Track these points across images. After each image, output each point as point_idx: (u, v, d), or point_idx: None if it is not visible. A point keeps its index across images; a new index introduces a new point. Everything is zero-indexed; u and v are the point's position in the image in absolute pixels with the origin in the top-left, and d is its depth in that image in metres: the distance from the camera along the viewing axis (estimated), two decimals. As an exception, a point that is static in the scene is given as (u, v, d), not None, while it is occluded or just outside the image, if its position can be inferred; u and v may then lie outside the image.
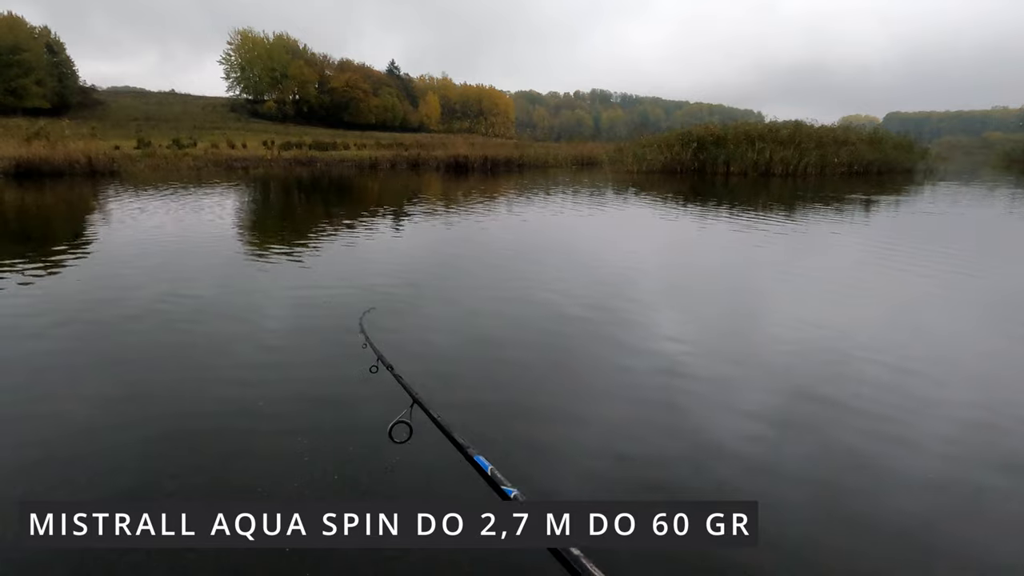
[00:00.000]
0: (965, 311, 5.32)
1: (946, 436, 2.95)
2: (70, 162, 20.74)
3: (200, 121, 63.76)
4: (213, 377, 3.61)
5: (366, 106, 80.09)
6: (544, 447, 2.84)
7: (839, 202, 14.28)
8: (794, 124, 28.10)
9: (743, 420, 3.09)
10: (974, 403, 3.33)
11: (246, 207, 13.73)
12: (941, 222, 11.50)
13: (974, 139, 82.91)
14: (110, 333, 4.39)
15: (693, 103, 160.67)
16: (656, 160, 27.72)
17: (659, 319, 4.97)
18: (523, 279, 6.30)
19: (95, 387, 3.45)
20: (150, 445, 2.78)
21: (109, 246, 8.06)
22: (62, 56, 64.28)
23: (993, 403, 3.32)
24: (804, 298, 5.76)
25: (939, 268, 6.80)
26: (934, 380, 3.66)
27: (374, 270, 6.70)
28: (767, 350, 4.19)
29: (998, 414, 3.18)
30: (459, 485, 2.36)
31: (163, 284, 5.81)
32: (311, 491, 2.41)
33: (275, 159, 32.04)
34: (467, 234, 9.77)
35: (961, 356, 4.18)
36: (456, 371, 3.77)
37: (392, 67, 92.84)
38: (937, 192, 17.97)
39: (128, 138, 38.60)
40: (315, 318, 4.85)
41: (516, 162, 33.01)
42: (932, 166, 30.43)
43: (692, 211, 12.88)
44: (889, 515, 2.32)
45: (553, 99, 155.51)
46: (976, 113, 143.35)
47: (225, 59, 77.17)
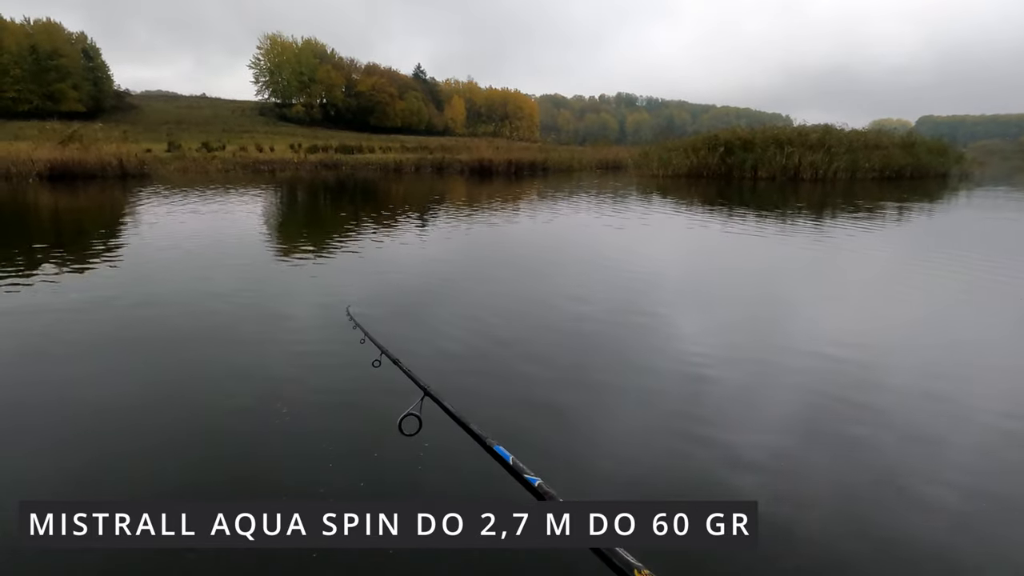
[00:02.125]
0: (996, 321, 5.15)
1: (971, 448, 2.88)
2: (102, 165, 21.17)
3: (229, 124, 64.99)
4: (227, 376, 3.60)
5: (392, 110, 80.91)
6: (556, 445, 2.84)
7: (870, 209, 13.92)
8: (823, 128, 27.55)
9: (761, 426, 3.05)
10: (1001, 414, 3.21)
11: (271, 210, 13.85)
12: (978, 230, 11.15)
13: (1011, 143, 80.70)
14: (123, 330, 4.42)
15: (720, 107, 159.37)
16: (682, 164, 27.38)
17: (679, 323, 4.89)
18: (543, 282, 6.28)
19: (104, 386, 3.43)
20: (162, 442, 2.79)
21: (135, 247, 8.14)
22: (97, 61, 66.06)
23: (1021, 415, 3.22)
24: (830, 306, 5.64)
25: (971, 277, 6.58)
26: (960, 391, 3.57)
27: (394, 272, 6.65)
28: (789, 358, 4.05)
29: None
30: (477, 475, 2.36)
31: (181, 285, 5.85)
32: (323, 487, 2.40)
33: (302, 162, 32.39)
34: (486, 237, 9.70)
35: (989, 367, 4.03)
36: (466, 368, 3.76)
37: (418, 71, 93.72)
38: (973, 198, 17.47)
39: (159, 141, 39.46)
40: (333, 318, 4.81)
41: (540, 166, 32.88)
42: (968, 171, 29.67)
43: (718, 216, 12.65)
44: (910, 528, 2.26)
45: (578, 103, 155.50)
46: (1013, 117, 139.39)
47: (255, 63, 78.66)
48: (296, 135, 56.38)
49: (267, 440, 2.83)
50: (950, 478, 2.60)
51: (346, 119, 78.59)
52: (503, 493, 2.14)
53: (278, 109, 78.96)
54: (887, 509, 2.37)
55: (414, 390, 1.43)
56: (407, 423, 1.28)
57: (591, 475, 2.60)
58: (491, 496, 2.22)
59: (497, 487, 2.05)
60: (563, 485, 1.00)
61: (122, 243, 8.59)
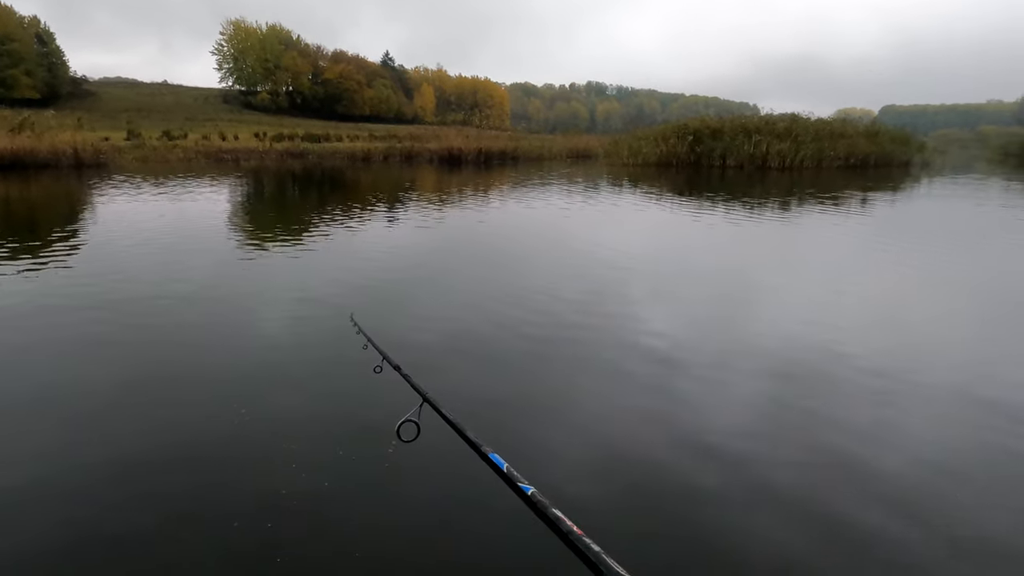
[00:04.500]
0: (953, 305, 5.40)
1: (929, 427, 3.00)
2: (56, 154, 20.39)
3: (192, 112, 63.21)
4: (209, 379, 3.47)
5: (360, 98, 79.58)
6: (534, 442, 2.82)
7: (836, 198, 14.10)
8: (790, 117, 27.87)
9: (731, 415, 3.10)
10: (954, 391, 3.38)
11: (233, 200, 13.44)
12: (939, 217, 11.36)
13: (969, 132, 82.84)
14: (82, 331, 4.17)
15: (689, 96, 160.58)
16: (652, 153, 27.45)
17: (651, 314, 4.90)
18: (515, 275, 6.18)
19: (78, 394, 3.22)
20: (149, 453, 2.64)
21: (93, 240, 7.80)
22: (52, 46, 63.59)
23: (977, 394, 3.35)
24: (797, 292, 5.74)
25: (934, 263, 6.83)
26: (920, 370, 3.71)
27: (364, 268, 6.47)
28: (758, 344, 4.16)
29: (982, 405, 3.21)
30: (471, 482, 2.35)
31: (146, 284, 5.59)
32: (322, 492, 2.36)
33: (267, 151, 31.64)
34: (458, 230, 9.54)
35: (946, 347, 4.25)
36: (444, 366, 3.69)
37: (386, 58, 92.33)
38: (934, 187, 17.83)
39: (118, 129, 38.11)
40: (312, 318, 4.67)
41: (510, 155, 32.65)
42: (929, 160, 30.33)
43: (687, 205, 12.67)
44: (869, 504, 2.35)
45: (548, 91, 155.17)
46: (971, 107, 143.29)
47: (218, 50, 76.52)
48: (261, 123, 54.99)
49: (256, 443, 2.73)
50: (905, 453, 2.72)
51: (313, 107, 77.04)
52: (496, 500, 2.14)
53: (243, 97, 77.00)
54: (846, 485, 2.47)
55: (407, 394, 1.44)
56: (405, 429, 1.28)
57: (579, 471, 2.55)
58: (484, 503, 2.25)
59: (491, 494, 2.15)
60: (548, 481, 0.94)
61: (81, 238, 8.22)
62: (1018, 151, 35.89)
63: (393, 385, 1.76)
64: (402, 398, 1.51)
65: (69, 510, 2.25)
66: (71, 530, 2.14)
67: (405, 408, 1.32)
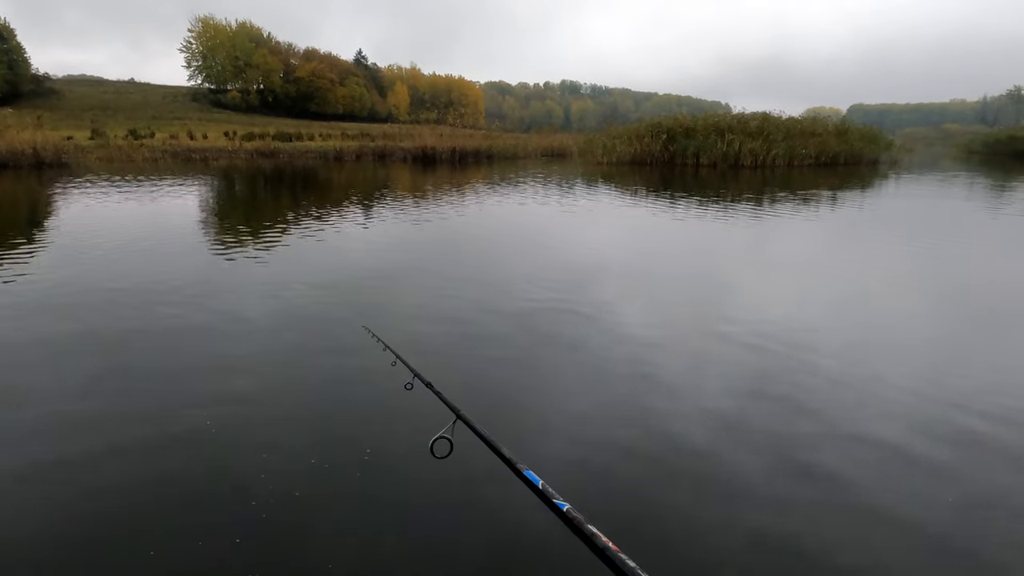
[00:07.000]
0: (920, 298, 5.53)
1: (894, 420, 3.04)
2: (14, 153, 19.74)
3: (160, 111, 61.90)
4: (205, 383, 3.32)
5: (333, 96, 78.72)
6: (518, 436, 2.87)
7: (805, 196, 14.24)
8: (762, 116, 28.10)
9: (705, 407, 3.16)
10: (921, 385, 3.47)
11: (201, 201, 13.10)
12: (906, 214, 11.54)
13: (934, 130, 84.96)
14: (57, 336, 3.96)
15: (662, 95, 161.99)
16: (626, 151, 27.53)
17: (625, 311, 4.95)
18: (491, 274, 6.14)
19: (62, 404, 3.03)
20: (177, 467, 2.57)
21: (57, 244, 7.50)
22: (12, 43, 61.72)
23: (941, 387, 3.45)
24: (768, 288, 5.85)
25: (903, 258, 7.02)
26: (886, 364, 3.77)
27: (350, 264, 6.31)
28: (728, 339, 4.23)
29: (945, 397, 3.30)
30: (506, 499, 2.34)
31: (120, 287, 5.36)
32: (359, 511, 2.32)
33: (236, 150, 31.04)
34: (434, 229, 9.39)
35: (911, 341, 4.33)
36: (443, 366, 3.70)
37: (359, 56, 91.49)
38: (902, 185, 18.14)
39: (83, 128, 37.11)
40: (313, 318, 4.60)
41: (485, 153, 32.49)
42: (897, 157, 30.89)
43: (661, 203, 12.68)
44: (842, 483, 2.49)
45: (523, 90, 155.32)
46: (935, 105, 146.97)
47: (186, 47, 75.04)
48: (231, 122, 53.98)
49: (286, 466, 2.61)
50: (873, 437, 2.84)
51: (285, 106, 75.97)
52: (532, 517, 2.16)
53: (212, 95, 75.57)
54: (821, 464, 2.62)
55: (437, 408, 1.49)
56: (438, 446, 1.29)
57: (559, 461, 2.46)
58: (520, 520, 2.24)
59: (526, 511, 2.18)
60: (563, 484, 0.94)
61: (41, 240, 7.90)
62: (980, 148, 36.82)
63: (402, 389, 1.79)
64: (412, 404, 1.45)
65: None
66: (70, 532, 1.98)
67: (409, 408, 1.29)
